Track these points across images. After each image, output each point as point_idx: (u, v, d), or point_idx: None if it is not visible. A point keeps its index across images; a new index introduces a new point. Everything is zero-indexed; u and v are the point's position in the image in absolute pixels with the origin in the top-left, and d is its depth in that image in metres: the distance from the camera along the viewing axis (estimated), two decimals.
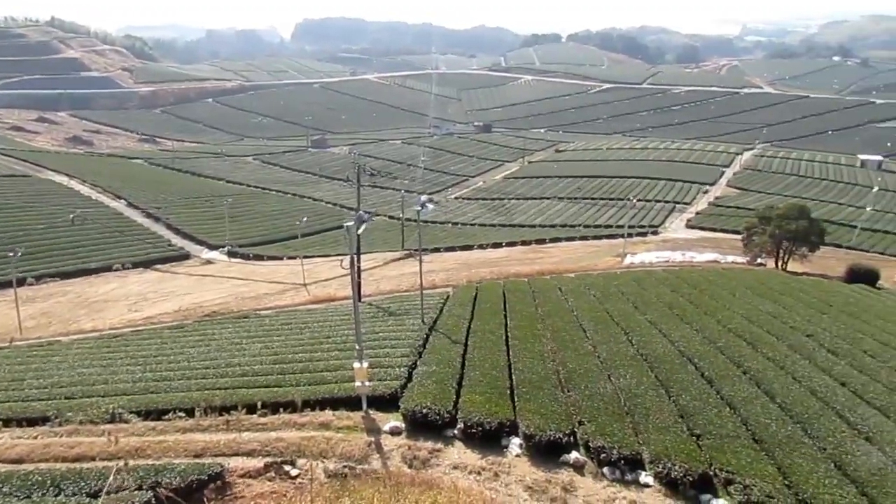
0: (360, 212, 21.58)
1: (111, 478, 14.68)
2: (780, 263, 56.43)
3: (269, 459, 17.14)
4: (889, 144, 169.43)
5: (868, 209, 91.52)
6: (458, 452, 17.92)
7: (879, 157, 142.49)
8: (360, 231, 21.03)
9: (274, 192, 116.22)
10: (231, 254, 79.61)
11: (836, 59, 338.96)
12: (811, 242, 55.94)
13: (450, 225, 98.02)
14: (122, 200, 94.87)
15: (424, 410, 18.94)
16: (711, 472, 16.76)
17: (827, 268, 55.70)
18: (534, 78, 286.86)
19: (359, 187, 44.89)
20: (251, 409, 20.29)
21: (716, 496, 16.19)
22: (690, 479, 16.21)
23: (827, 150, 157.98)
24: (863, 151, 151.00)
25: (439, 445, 18.12)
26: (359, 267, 40.80)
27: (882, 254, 73.40)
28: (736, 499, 15.71)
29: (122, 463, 16.04)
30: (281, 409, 20.19)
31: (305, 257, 65.74)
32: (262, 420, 19.62)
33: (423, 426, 18.80)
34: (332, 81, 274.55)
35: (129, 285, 63.96)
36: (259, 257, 77.96)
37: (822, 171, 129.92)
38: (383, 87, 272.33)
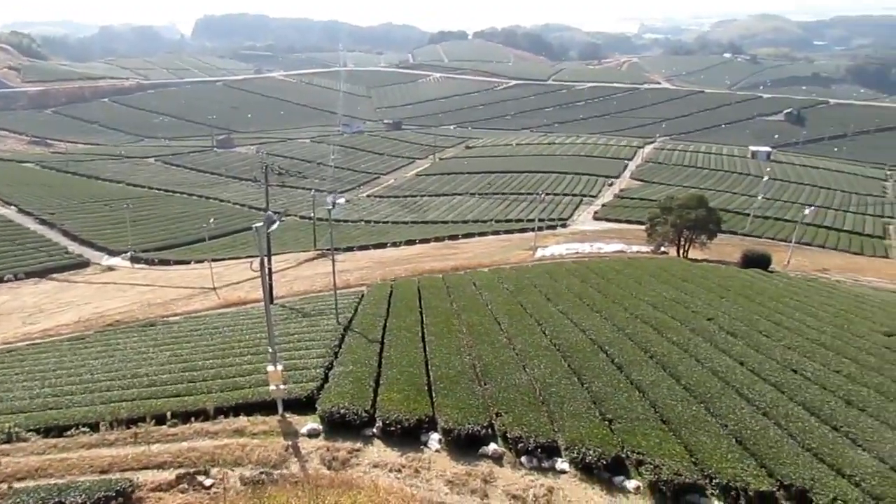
0: (269, 212, 21.11)
1: None
2: (681, 251, 58.84)
3: (181, 471, 16.61)
4: (776, 136, 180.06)
5: (759, 198, 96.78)
6: (378, 451, 17.89)
7: (768, 149, 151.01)
8: (269, 231, 20.60)
9: (178, 194, 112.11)
10: (134, 259, 76.35)
11: (727, 56, 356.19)
12: (709, 230, 58.57)
13: (363, 223, 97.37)
14: (12, 207, 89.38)
15: (342, 411, 18.80)
16: (624, 455, 17.39)
17: (724, 254, 58.49)
18: (442, 75, 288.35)
19: (267, 187, 43.88)
20: (160, 419, 19.59)
21: (628, 477, 16.81)
22: (604, 462, 16.78)
23: (721, 142, 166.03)
24: (753, 143, 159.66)
25: (358, 445, 18.04)
26: (270, 268, 40.03)
27: (773, 239, 77.74)
28: (647, 478, 16.35)
29: (5, 486, 15.18)
30: (192, 419, 19.58)
31: (214, 260, 63.81)
32: (173, 430, 18.97)
33: (341, 427, 18.67)
34: (236, 79, 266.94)
35: (22, 297, 60.32)
36: (165, 262, 75.10)
37: (717, 162, 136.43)
38: (290, 85, 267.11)
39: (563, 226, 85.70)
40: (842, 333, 29.74)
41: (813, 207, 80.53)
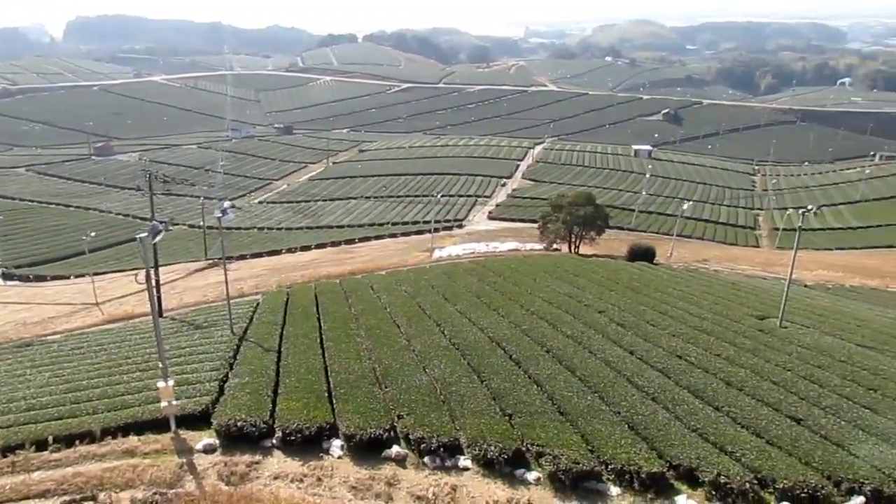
0: (155, 222, 20.22)
1: None
2: (572, 248, 60.78)
3: (66, 498, 15.65)
4: (656, 135, 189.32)
5: (643, 194, 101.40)
6: (279, 462, 17.51)
7: (649, 147, 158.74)
8: (155, 242, 19.73)
9: (54, 206, 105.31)
10: (6, 276, 71.25)
11: (608, 59, 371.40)
12: (598, 227, 60.82)
13: (256, 230, 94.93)
14: None
15: (239, 423, 18.27)
16: (524, 448, 17.79)
17: (612, 249, 60.92)
18: (333, 78, 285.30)
19: (151, 196, 41.94)
20: (41, 445, 18.33)
21: (529, 469, 17.21)
22: (505, 456, 17.11)
23: (605, 141, 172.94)
24: (635, 142, 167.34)
25: (258, 457, 17.58)
26: (157, 280, 38.27)
27: (656, 233, 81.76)
28: (547, 469, 16.79)
29: None
30: (77, 442, 18.44)
31: (96, 274, 60.38)
32: (56, 456, 17.81)
33: (239, 440, 18.14)
34: (114, 83, 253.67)
35: None
36: (41, 278, 70.45)
37: (603, 161, 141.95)
38: (173, 89, 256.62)
39: (460, 226, 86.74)
40: (721, 319, 31.63)
41: (691, 202, 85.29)
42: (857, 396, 21.86)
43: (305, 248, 76.64)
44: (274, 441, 18.26)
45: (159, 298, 37.53)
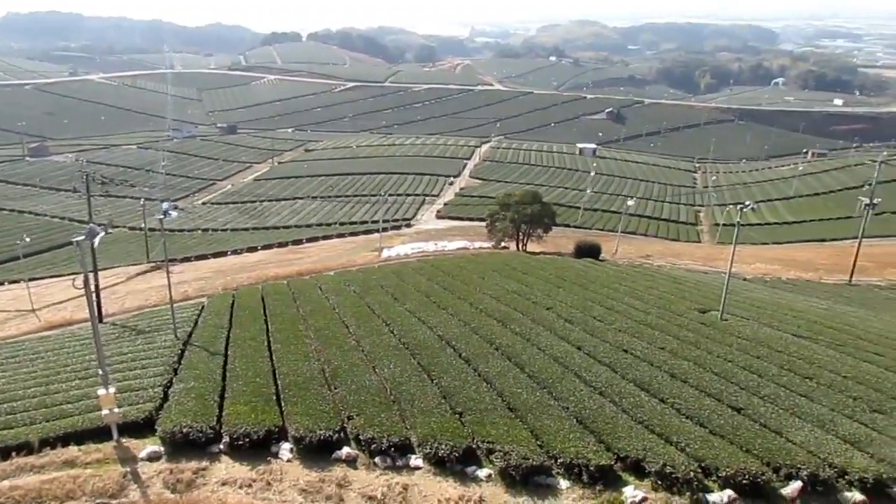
0: (93, 224, 19.62)
1: None
2: (520, 245, 61.36)
3: None
4: (600, 134, 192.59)
5: (588, 192, 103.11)
6: (226, 467, 17.21)
7: (594, 146, 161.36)
8: (94, 245, 19.15)
9: None
10: None
11: (552, 59, 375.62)
12: (545, 224, 61.55)
13: (200, 232, 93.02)
14: None
15: (185, 429, 17.89)
16: (475, 446, 17.88)
17: (559, 246, 61.71)
18: (277, 77, 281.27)
19: (89, 198, 40.78)
20: None
21: (480, 466, 17.31)
22: (456, 454, 17.17)
23: (551, 140, 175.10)
24: (580, 140, 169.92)
25: (204, 464, 17.24)
26: (97, 284, 37.19)
27: (602, 230, 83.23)
28: (498, 466, 16.92)
29: None
30: (14, 454, 17.76)
31: (32, 279, 58.30)
32: None
33: (184, 446, 17.76)
34: (49, 82, 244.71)
35: None
36: None
37: (549, 159, 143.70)
38: (112, 88, 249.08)
39: (408, 226, 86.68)
40: (664, 313, 32.37)
41: (635, 199, 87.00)
42: (793, 385, 22.64)
43: (252, 250, 75.46)
44: (221, 446, 17.94)
45: (99, 303, 36.48)
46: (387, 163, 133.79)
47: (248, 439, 17.73)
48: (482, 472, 17.05)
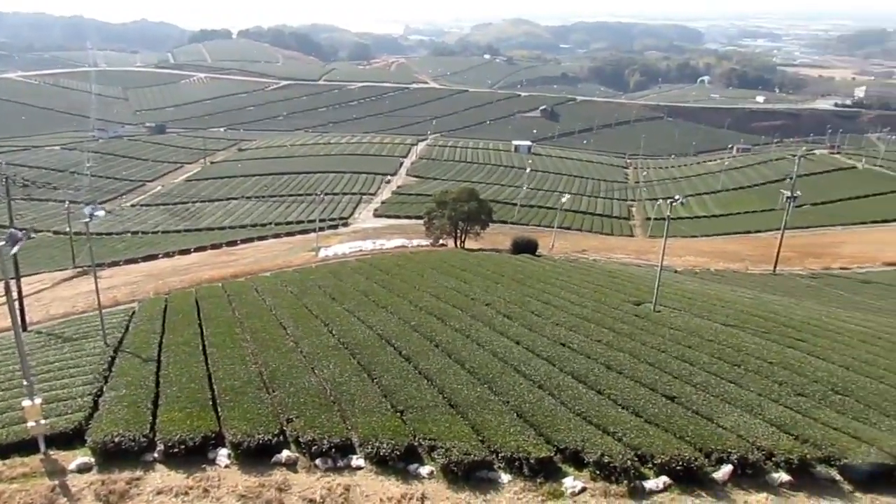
0: (13, 229, 18.77)
1: None
2: (458, 243, 61.68)
3: None
4: (535, 131, 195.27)
5: (524, 188, 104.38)
6: (161, 476, 16.72)
7: (528, 143, 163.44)
8: (14, 252, 18.32)
9: None
10: None
11: (486, 57, 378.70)
12: (482, 221, 62.02)
13: (129, 235, 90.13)
14: None
15: (117, 439, 17.28)
16: (416, 443, 17.85)
17: (497, 243, 62.27)
18: (207, 75, 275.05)
19: (9, 201, 39.03)
20: None
21: (422, 464, 17.30)
22: (398, 453, 17.10)
23: (486, 137, 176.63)
24: (515, 138, 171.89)
25: (138, 473, 16.72)
26: (20, 291, 35.65)
27: (538, 226, 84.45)
28: (439, 462, 16.95)
29: None
30: None
31: None
32: None
33: (117, 456, 17.16)
34: None
35: None
36: None
37: (485, 156, 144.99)
38: (31, 87, 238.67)
39: (345, 225, 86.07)
40: (600, 306, 33.02)
41: (569, 195, 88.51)
42: (723, 372, 23.43)
43: (184, 252, 73.55)
44: (156, 455, 17.43)
45: (22, 310, 34.99)
46: (322, 162, 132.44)
47: (183, 446, 17.26)
48: (424, 470, 17.05)
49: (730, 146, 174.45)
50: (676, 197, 38.15)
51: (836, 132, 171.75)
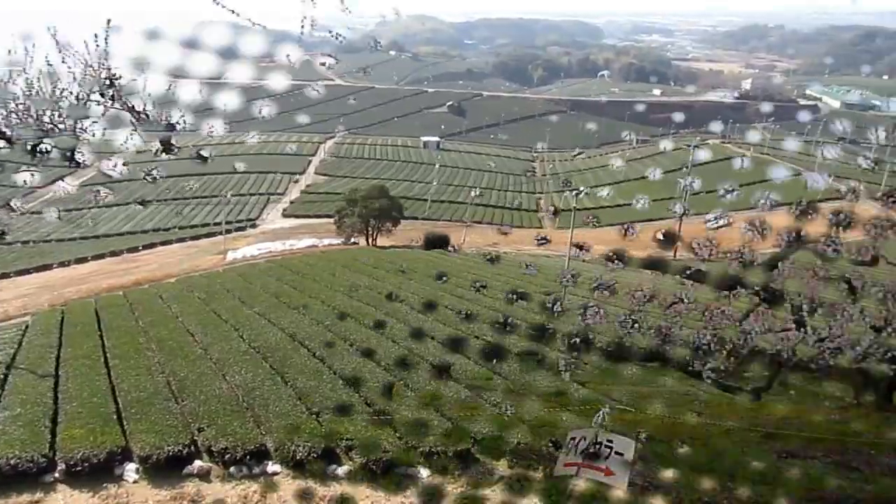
0: None
1: None
2: (370, 240, 61.44)
3: None
4: (443, 127, 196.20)
5: (434, 184, 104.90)
6: (64, 497, 15.94)
7: (437, 139, 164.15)
8: None
9: None
10: None
11: (392, 53, 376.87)
12: (393, 218, 62.04)
13: (19, 244, 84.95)
14: None
15: (12, 461, 16.30)
16: (333, 444, 17.70)
17: (409, 239, 62.40)
18: None
19: None
20: None
21: (340, 465, 17.18)
22: (315, 455, 16.91)
23: (395, 134, 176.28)
24: (423, 134, 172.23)
25: (38, 495, 15.88)
26: None
27: (450, 221, 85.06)
28: (357, 462, 16.88)
29: None
30: None
31: None
32: None
33: (14, 479, 16.21)
34: None
35: None
36: None
37: (394, 153, 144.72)
38: None
39: (253, 226, 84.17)
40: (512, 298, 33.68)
41: (479, 190, 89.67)
42: None
43: (81, 261, 70.10)
44: (57, 475, 16.55)
45: None
46: (227, 162, 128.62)
47: (87, 464, 16.45)
48: (342, 470, 16.94)
49: (628, 136, 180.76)
50: (581, 188, 39.30)
51: (726, 122, 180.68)
